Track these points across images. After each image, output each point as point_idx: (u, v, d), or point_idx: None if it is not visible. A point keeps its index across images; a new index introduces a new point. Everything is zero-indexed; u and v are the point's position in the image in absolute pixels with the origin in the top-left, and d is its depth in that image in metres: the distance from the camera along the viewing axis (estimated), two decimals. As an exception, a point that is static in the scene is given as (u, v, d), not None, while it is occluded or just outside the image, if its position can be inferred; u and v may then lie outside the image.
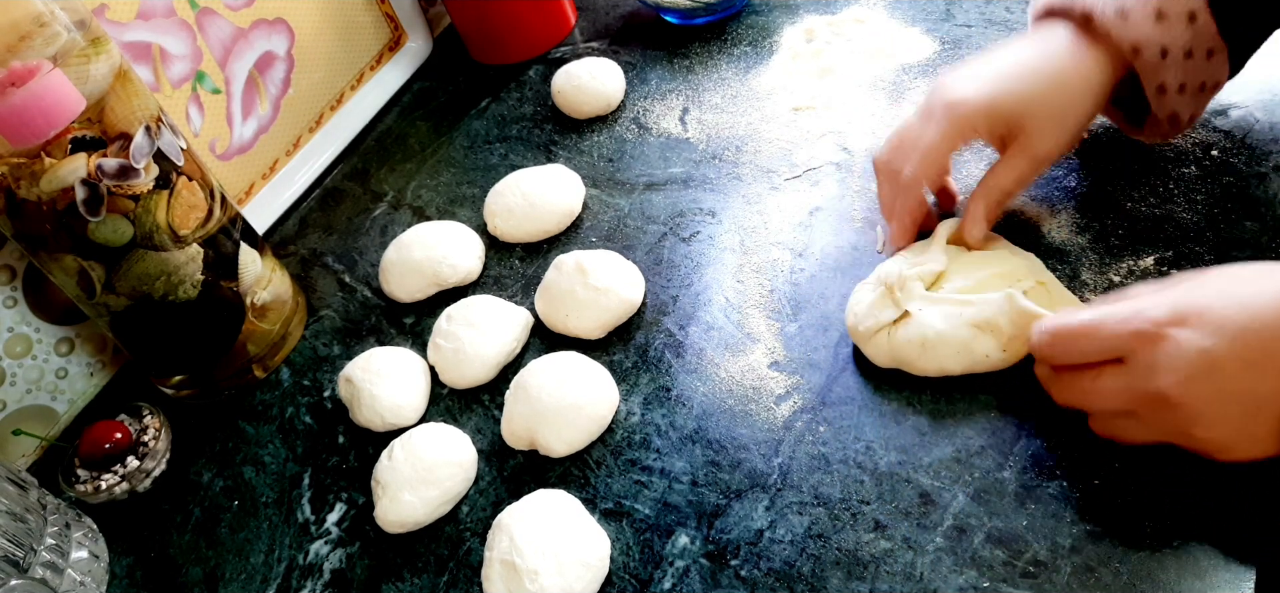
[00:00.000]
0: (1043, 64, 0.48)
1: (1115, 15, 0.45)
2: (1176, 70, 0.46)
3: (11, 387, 0.63)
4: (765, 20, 0.78)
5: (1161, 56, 0.45)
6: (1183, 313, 0.37)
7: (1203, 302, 0.37)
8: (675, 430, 0.51)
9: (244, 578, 0.53)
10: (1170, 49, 0.45)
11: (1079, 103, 0.47)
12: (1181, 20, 0.45)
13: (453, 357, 0.57)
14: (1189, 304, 0.37)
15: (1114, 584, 0.39)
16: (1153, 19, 0.45)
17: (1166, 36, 0.45)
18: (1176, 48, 0.45)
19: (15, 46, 0.47)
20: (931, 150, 0.49)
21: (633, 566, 0.46)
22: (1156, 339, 0.37)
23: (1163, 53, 0.45)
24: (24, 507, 0.51)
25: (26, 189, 0.50)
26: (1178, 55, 0.45)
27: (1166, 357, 0.36)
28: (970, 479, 0.44)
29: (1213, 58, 0.46)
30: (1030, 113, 0.47)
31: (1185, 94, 0.47)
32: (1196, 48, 0.45)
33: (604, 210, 0.66)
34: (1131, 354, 0.38)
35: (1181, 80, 0.46)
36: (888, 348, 0.48)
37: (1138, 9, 0.45)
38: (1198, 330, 0.36)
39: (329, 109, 0.83)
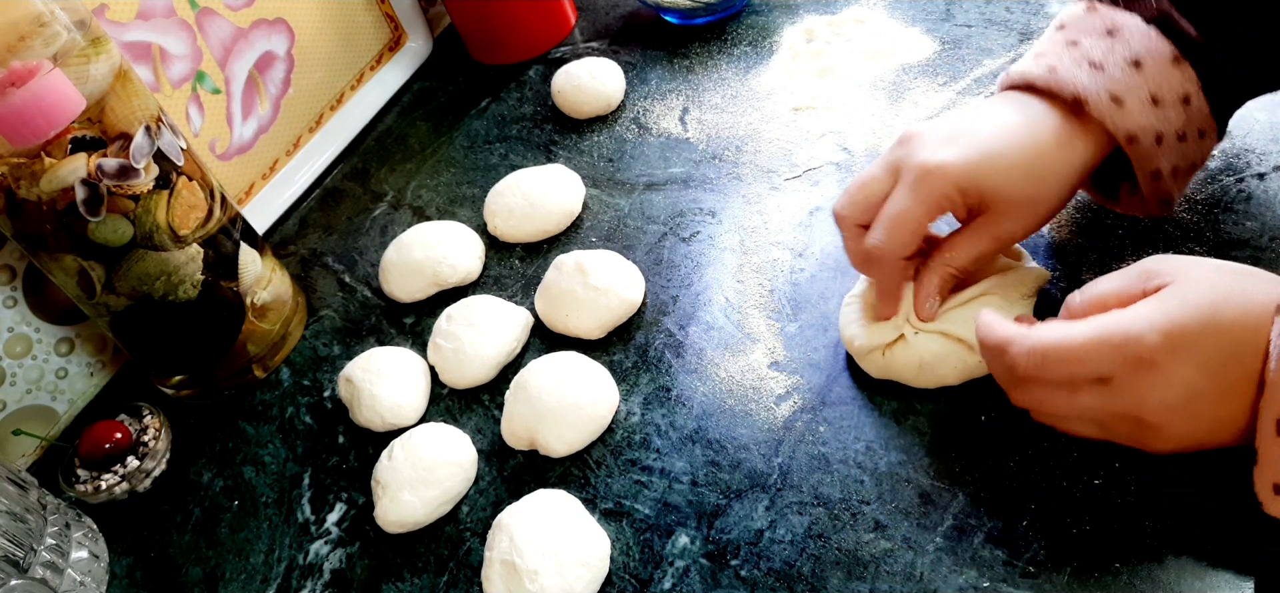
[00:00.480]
0: (1026, 143, 0.44)
1: (1109, 102, 0.43)
2: (1171, 155, 0.44)
3: (11, 387, 0.63)
4: (765, 20, 0.78)
5: (1156, 143, 0.43)
6: (1176, 343, 0.36)
7: (1195, 331, 0.36)
8: (675, 430, 0.51)
9: (244, 578, 0.53)
10: (1165, 134, 0.43)
11: (1055, 190, 0.44)
12: (1176, 105, 0.43)
13: (453, 357, 0.57)
14: (1183, 333, 0.36)
15: (1114, 584, 0.39)
16: (1148, 105, 0.42)
17: (1162, 122, 0.43)
18: (1170, 132, 0.43)
19: (15, 46, 0.47)
20: (907, 222, 0.45)
21: (633, 566, 0.46)
22: (1149, 367, 0.36)
23: (1158, 139, 0.43)
24: (24, 507, 0.51)
25: (26, 189, 0.50)
26: (1172, 140, 0.43)
27: (1154, 388, 0.37)
28: (970, 479, 0.44)
29: (1204, 138, 0.44)
30: (1004, 193, 0.44)
31: (1177, 177, 0.45)
32: (1189, 130, 0.44)
33: (604, 210, 0.66)
34: (1117, 377, 0.38)
35: (1174, 164, 0.44)
36: (883, 366, 0.48)
37: (1132, 96, 0.43)
38: (1187, 363, 0.36)
39: (329, 109, 0.83)
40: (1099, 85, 0.43)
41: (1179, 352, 0.36)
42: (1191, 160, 0.45)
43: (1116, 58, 0.43)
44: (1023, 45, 0.65)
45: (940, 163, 0.44)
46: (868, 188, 0.47)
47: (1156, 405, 0.37)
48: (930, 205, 0.44)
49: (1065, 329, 0.38)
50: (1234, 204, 0.51)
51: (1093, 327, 0.38)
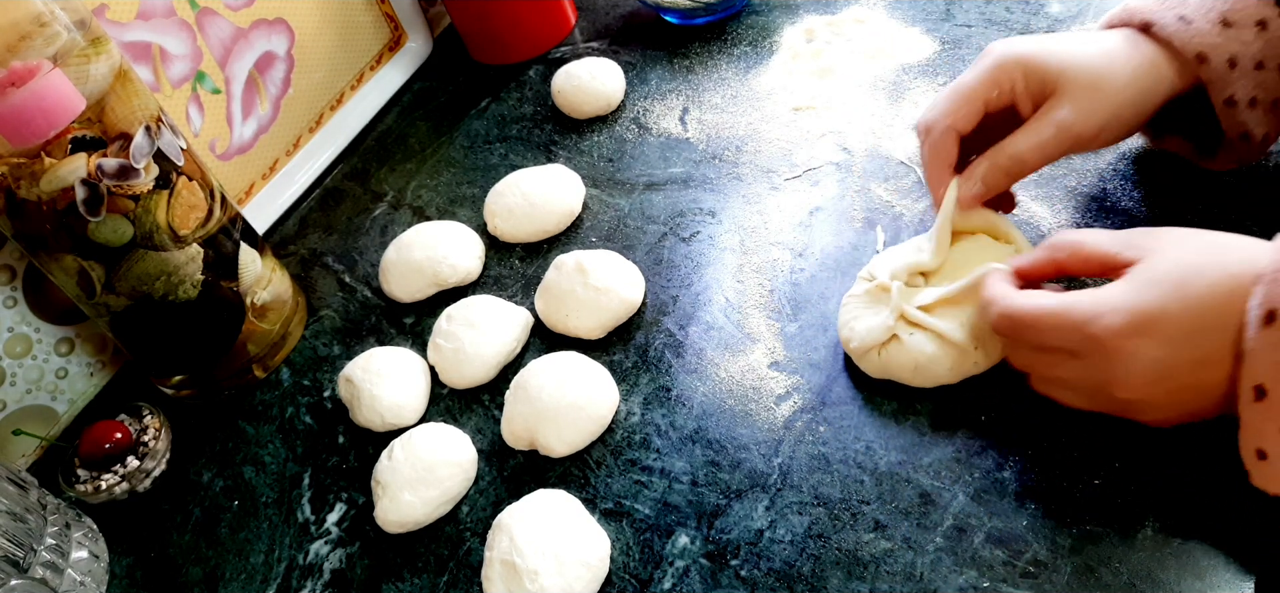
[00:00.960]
0: (1098, 44, 0.44)
1: (1176, 21, 0.42)
2: (1247, 82, 0.42)
3: (11, 387, 0.63)
4: (765, 20, 0.78)
5: (1229, 66, 0.42)
6: (1139, 324, 0.36)
7: (1157, 309, 0.36)
8: (675, 430, 0.51)
9: (244, 578, 0.53)
10: (1239, 59, 0.42)
11: (1124, 88, 0.43)
12: (1250, 28, 0.42)
13: (453, 357, 0.57)
14: (1145, 314, 0.36)
15: (1114, 584, 0.39)
16: (1218, 25, 0.42)
17: (1235, 45, 0.42)
18: (1246, 57, 0.42)
19: (15, 46, 0.47)
20: (963, 90, 0.45)
21: (633, 566, 0.46)
22: (1113, 352, 0.37)
23: (1231, 62, 0.42)
24: (24, 507, 0.51)
25: (26, 189, 0.50)
26: (1248, 66, 0.42)
27: (1123, 367, 0.37)
28: (970, 479, 0.44)
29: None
30: (1068, 76, 0.43)
31: (1257, 109, 0.43)
32: (1269, 59, 0.42)
33: (604, 210, 0.66)
34: (1087, 356, 0.38)
35: (1252, 94, 0.43)
36: (880, 366, 0.48)
37: (1201, 16, 0.42)
38: (1153, 341, 0.36)
39: (329, 109, 0.83)
40: (1166, 7, 0.43)
41: (1141, 334, 0.36)
42: (1275, 94, 0.43)
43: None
44: (1023, 45, 0.65)
45: (1007, 45, 0.45)
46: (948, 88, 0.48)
47: (1126, 382, 0.37)
48: (990, 78, 0.45)
49: (1036, 300, 0.40)
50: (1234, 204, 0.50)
51: (1058, 303, 0.39)
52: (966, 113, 0.46)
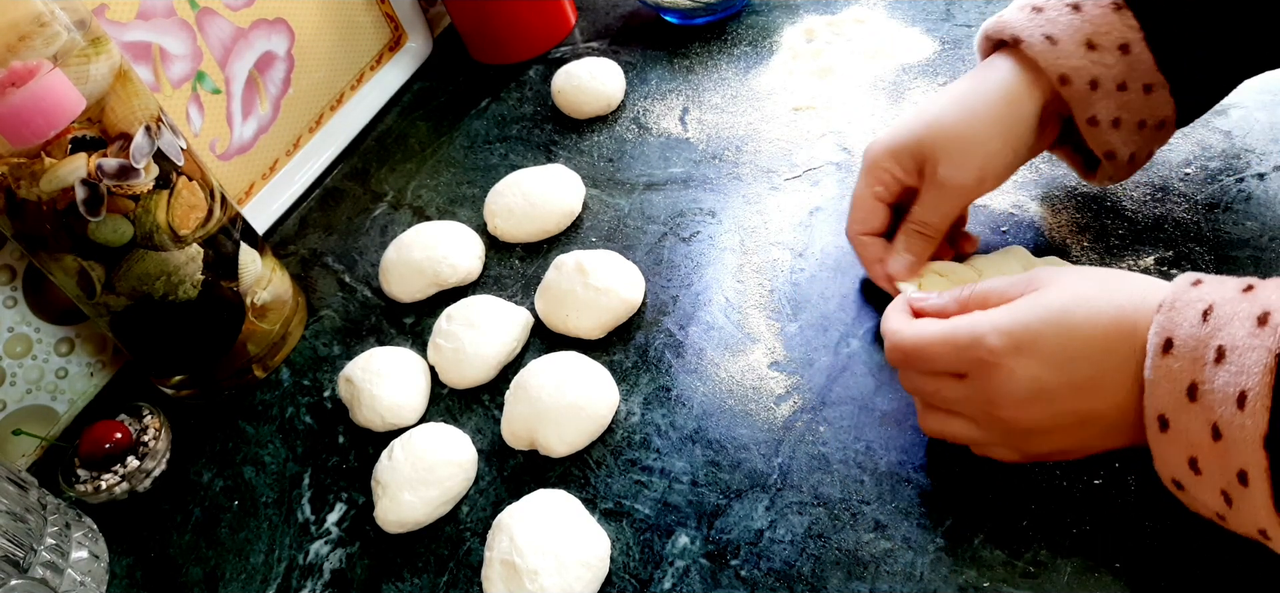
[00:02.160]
0: (962, 96, 0.46)
1: (1042, 41, 0.44)
2: (1109, 103, 0.44)
3: (11, 387, 0.63)
4: (765, 20, 0.78)
5: (1091, 87, 0.43)
6: (1018, 343, 0.37)
7: (1037, 330, 0.37)
8: (675, 430, 0.51)
9: (244, 578, 0.53)
10: (1100, 80, 0.43)
11: (988, 127, 0.45)
12: (1113, 51, 0.43)
13: (453, 357, 0.57)
14: (1024, 332, 0.37)
15: (1114, 584, 0.39)
16: (1083, 48, 0.43)
17: (1097, 67, 0.43)
18: (1108, 79, 0.43)
19: (15, 46, 0.47)
20: (856, 199, 0.50)
21: (633, 566, 0.46)
22: (992, 368, 0.38)
23: (1093, 84, 0.43)
24: (24, 507, 0.51)
25: (26, 189, 0.50)
26: (1109, 86, 0.43)
27: (1001, 385, 0.38)
28: (970, 479, 0.44)
29: (1152, 93, 0.44)
30: (936, 144, 0.46)
31: (1120, 129, 0.45)
32: (1131, 81, 0.43)
33: (604, 210, 0.66)
34: (970, 376, 0.39)
35: (1115, 114, 0.44)
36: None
37: (1067, 37, 0.43)
38: (1031, 360, 0.37)
39: (329, 109, 0.83)
40: (1035, 26, 0.44)
41: (1022, 351, 0.37)
42: (1139, 116, 0.44)
43: (1058, 2, 0.44)
44: (1023, 45, 0.65)
45: (874, 142, 0.49)
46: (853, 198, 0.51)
47: (1004, 400, 0.38)
48: (873, 179, 0.48)
49: (922, 329, 0.41)
50: (1234, 204, 0.51)
51: (944, 328, 0.40)
52: (866, 216, 0.50)
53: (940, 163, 0.46)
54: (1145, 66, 0.43)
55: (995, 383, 0.38)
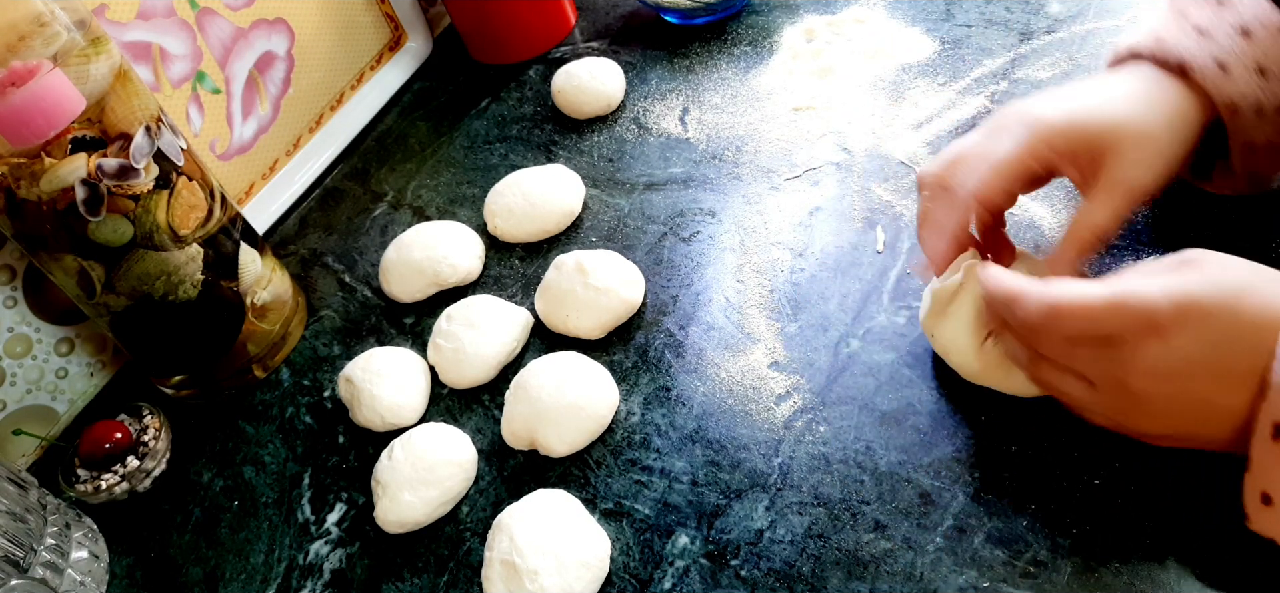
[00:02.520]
0: (1133, 93, 0.43)
1: (1215, 68, 0.41)
2: (1267, 128, 0.42)
3: (11, 387, 0.63)
4: (765, 20, 0.78)
5: (1257, 114, 0.42)
6: (1186, 315, 0.35)
7: (1208, 307, 0.35)
8: (675, 430, 0.51)
9: (244, 578, 0.53)
10: (1266, 107, 0.42)
11: (1172, 137, 0.42)
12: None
13: (453, 357, 0.57)
14: (1194, 306, 0.35)
15: (1114, 584, 0.39)
16: (1254, 74, 0.41)
17: (1265, 93, 0.42)
18: (1273, 105, 0.42)
19: (15, 46, 0.47)
20: (1004, 163, 0.42)
21: (633, 566, 0.46)
22: (1154, 332, 0.35)
23: (1259, 111, 0.42)
24: (24, 507, 0.51)
25: (26, 189, 0.50)
26: (1272, 112, 0.42)
27: (1147, 355, 0.36)
28: (970, 479, 0.44)
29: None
30: (1121, 137, 0.41)
31: (1271, 153, 0.44)
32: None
33: (604, 210, 0.66)
34: (1117, 342, 0.37)
35: (1271, 137, 0.43)
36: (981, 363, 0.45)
37: (1238, 63, 0.41)
38: (1191, 336, 0.35)
39: (329, 109, 0.83)
40: (1205, 51, 0.42)
41: (1189, 323, 0.35)
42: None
43: (1224, 25, 0.42)
44: (1023, 45, 0.65)
45: (1044, 111, 0.42)
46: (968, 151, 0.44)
47: (1144, 371, 0.36)
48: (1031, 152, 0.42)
49: (1082, 288, 0.37)
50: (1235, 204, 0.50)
51: (1110, 289, 0.37)
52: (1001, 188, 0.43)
53: (1123, 161, 0.41)
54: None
55: (1143, 352, 0.36)
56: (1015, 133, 0.43)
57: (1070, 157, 0.42)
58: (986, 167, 0.43)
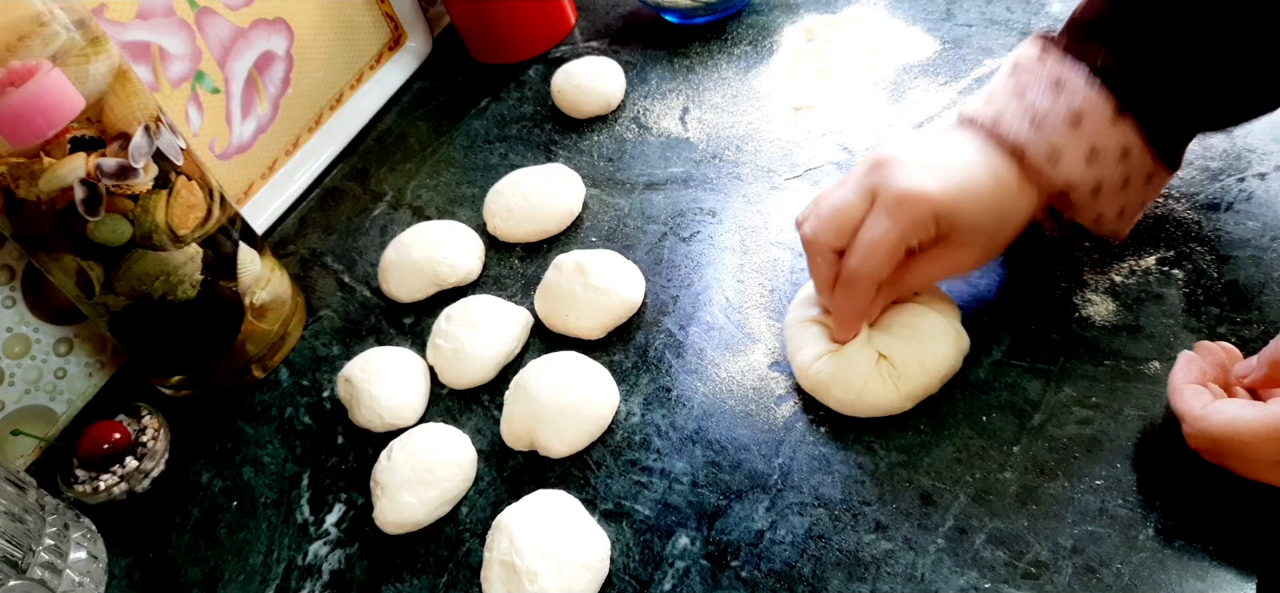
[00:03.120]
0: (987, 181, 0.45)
1: (1047, 157, 0.44)
2: (1113, 200, 0.45)
3: (10, 387, 0.63)
4: (765, 20, 0.78)
5: (1094, 194, 0.44)
6: None
7: None
8: (675, 431, 0.51)
9: (243, 579, 0.53)
10: (1104, 183, 0.44)
11: (1011, 228, 0.46)
12: (1114, 158, 0.43)
13: (452, 357, 0.57)
14: None
15: (1114, 585, 0.39)
16: (1084, 161, 0.43)
17: (1100, 174, 0.44)
18: (1111, 182, 0.44)
19: (14, 46, 0.46)
20: (885, 247, 0.44)
21: (633, 566, 0.46)
22: None
23: (1096, 189, 0.44)
24: (22, 507, 0.51)
25: (25, 189, 0.50)
26: (1113, 188, 0.44)
27: None
28: (971, 480, 0.44)
29: (1152, 180, 0.45)
30: (970, 226, 0.45)
31: (1124, 217, 0.46)
32: (1133, 177, 0.44)
33: (604, 210, 0.66)
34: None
35: (1120, 206, 0.45)
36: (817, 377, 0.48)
37: (1069, 151, 0.43)
38: None
39: (328, 109, 0.83)
40: (1039, 140, 0.44)
41: None
42: (1141, 200, 0.46)
43: (1058, 113, 0.44)
44: (1023, 45, 0.65)
45: (923, 191, 0.44)
46: (843, 213, 0.46)
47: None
48: (909, 231, 0.44)
49: (1236, 415, 0.37)
50: (1234, 204, 0.50)
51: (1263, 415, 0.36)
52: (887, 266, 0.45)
53: (961, 244, 0.45)
54: (1146, 162, 0.44)
55: None
56: (895, 216, 0.44)
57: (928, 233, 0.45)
58: (875, 254, 0.45)
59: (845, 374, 0.47)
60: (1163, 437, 0.42)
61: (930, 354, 0.46)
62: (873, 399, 0.46)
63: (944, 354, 0.46)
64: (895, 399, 0.46)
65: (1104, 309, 0.48)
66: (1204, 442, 0.39)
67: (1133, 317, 0.47)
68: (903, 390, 0.46)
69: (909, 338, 0.47)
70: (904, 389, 0.46)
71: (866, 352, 0.47)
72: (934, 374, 0.46)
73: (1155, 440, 0.42)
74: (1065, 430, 0.44)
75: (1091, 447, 0.43)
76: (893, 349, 0.47)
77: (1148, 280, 0.48)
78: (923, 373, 0.46)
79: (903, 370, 0.46)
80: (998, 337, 0.49)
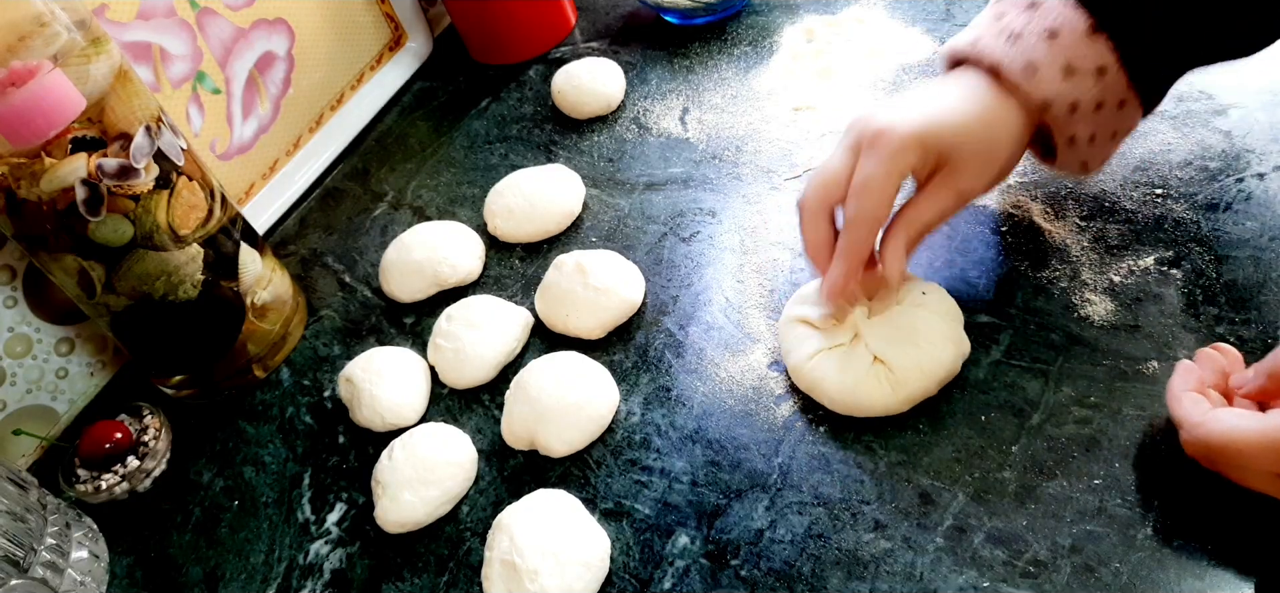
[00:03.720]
0: (968, 104, 0.45)
1: (1022, 70, 0.44)
2: (1087, 123, 0.45)
3: (12, 387, 0.63)
4: (765, 20, 0.78)
5: (1071, 111, 0.44)
6: None
7: None
8: (675, 430, 0.51)
9: (244, 578, 0.53)
10: (1080, 103, 0.44)
11: (1002, 144, 0.46)
12: (1090, 75, 0.44)
13: (453, 357, 0.57)
14: None
15: (1114, 584, 0.39)
16: (1061, 75, 0.44)
17: (1076, 91, 0.44)
18: (1087, 101, 0.44)
19: (15, 47, 0.47)
20: (877, 185, 0.44)
21: (633, 566, 0.46)
22: None
23: (1072, 108, 0.44)
24: (24, 507, 0.51)
25: (27, 189, 0.50)
26: (1088, 108, 0.44)
27: None
28: (970, 479, 0.44)
29: (1124, 108, 0.45)
30: (959, 146, 0.45)
31: (1095, 144, 0.46)
32: (1107, 100, 0.45)
33: (604, 210, 0.66)
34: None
35: (1092, 131, 0.45)
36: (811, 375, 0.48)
37: (1046, 65, 0.44)
38: None
39: (329, 109, 0.83)
40: (1014, 54, 0.44)
41: None
42: (1112, 129, 0.46)
43: (1034, 28, 0.44)
44: (1023, 45, 0.65)
45: (895, 125, 0.45)
46: (829, 171, 0.47)
47: None
48: (896, 163, 0.45)
49: (1233, 424, 0.37)
50: (1234, 204, 0.51)
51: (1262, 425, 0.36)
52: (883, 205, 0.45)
53: (960, 168, 0.45)
54: (1120, 85, 0.44)
55: None
56: (879, 153, 0.45)
57: (920, 164, 0.45)
58: (869, 193, 0.45)
59: (839, 374, 0.47)
60: (1162, 437, 0.42)
61: (929, 358, 0.46)
62: (868, 400, 0.47)
63: (943, 359, 0.46)
64: (892, 401, 0.46)
65: (1103, 309, 0.48)
66: (1201, 450, 0.39)
67: (1131, 316, 0.47)
68: (900, 394, 0.46)
69: (909, 343, 0.47)
70: (901, 393, 0.46)
71: (862, 352, 0.47)
72: (932, 378, 0.46)
73: (1154, 440, 0.42)
74: (1064, 430, 0.44)
75: (1090, 446, 0.43)
76: (892, 353, 0.47)
77: (1146, 280, 0.49)
78: (921, 377, 0.46)
79: (901, 375, 0.46)
80: (997, 336, 0.49)
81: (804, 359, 0.49)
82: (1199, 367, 0.41)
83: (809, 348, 0.49)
